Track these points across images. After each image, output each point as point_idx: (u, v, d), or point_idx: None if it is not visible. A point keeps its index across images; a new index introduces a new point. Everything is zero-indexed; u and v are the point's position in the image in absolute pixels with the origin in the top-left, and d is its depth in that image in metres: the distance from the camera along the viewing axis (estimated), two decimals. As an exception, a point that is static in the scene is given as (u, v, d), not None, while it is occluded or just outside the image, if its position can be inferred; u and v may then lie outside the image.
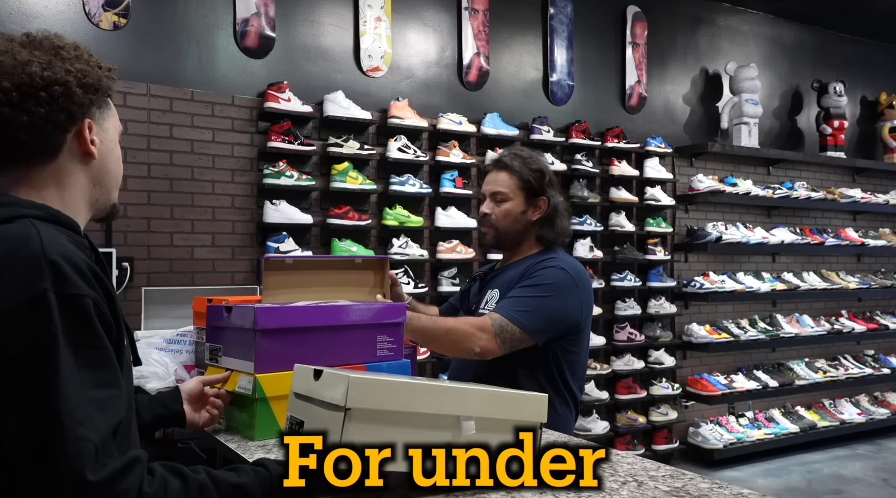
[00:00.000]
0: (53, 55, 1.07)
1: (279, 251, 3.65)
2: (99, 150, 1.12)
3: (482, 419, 1.14)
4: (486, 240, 2.10)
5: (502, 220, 2.02)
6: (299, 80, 3.94)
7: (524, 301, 1.86)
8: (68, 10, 3.42)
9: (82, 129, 1.09)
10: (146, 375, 1.88)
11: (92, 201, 1.14)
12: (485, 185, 2.09)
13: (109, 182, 1.16)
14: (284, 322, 1.41)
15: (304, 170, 3.86)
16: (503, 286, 1.99)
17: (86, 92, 1.08)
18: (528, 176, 2.00)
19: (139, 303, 3.45)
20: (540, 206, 2.03)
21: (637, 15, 5.24)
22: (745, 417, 5.45)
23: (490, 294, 2.02)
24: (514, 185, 2.01)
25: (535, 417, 1.20)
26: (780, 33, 6.16)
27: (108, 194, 1.17)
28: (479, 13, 4.53)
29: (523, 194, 2.01)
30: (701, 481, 1.15)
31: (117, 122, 1.19)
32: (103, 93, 1.13)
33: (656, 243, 5.08)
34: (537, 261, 1.98)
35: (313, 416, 1.12)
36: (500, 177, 2.03)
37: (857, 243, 6.08)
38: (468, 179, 4.37)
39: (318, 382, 1.13)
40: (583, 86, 5.01)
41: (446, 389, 1.14)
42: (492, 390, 1.21)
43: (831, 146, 6.20)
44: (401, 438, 1.05)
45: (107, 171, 1.15)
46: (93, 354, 0.94)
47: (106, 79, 1.13)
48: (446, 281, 4.18)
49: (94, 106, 1.11)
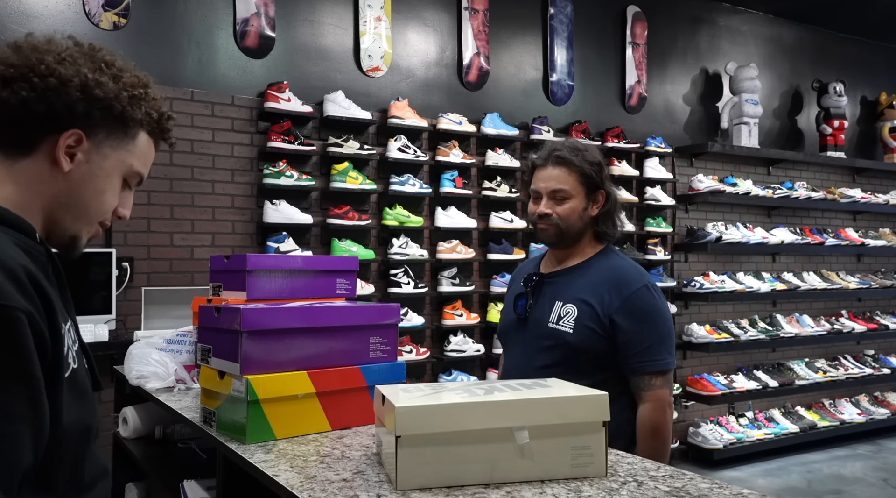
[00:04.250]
0: (87, 60, 1.00)
1: (279, 251, 3.65)
2: (78, 170, 1.00)
3: (538, 426, 1.12)
4: (545, 237, 1.95)
5: (565, 220, 1.89)
6: (299, 80, 3.94)
7: (657, 348, 1.82)
8: (68, 10, 3.42)
9: (64, 136, 0.98)
10: (146, 375, 1.88)
11: (49, 219, 1.01)
12: (540, 182, 1.93)
13: (77, 211, 1.02)
14: (271, 324, 1.40)
15: (304, 170, 3.86)
16: (577, 299, 1.86)
17: (87, 101, 0.98)
18: (588, 170, 1.88)
19: (139, 303, 3.45)
20: (599, 201, 1.93)
21: (637, 15, 5.24)
22: (745, 417, 5.45)
23: (564, 308, 1.87)
24: (575, 180, 1.89)
25: (596, 417, 1.16)
26: (780, 33, 6.16)
27: (70, 223, 1.02)
28: (479, 13, 4.53)
29: (584, 190, 1.90)
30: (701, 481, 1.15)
31: (132, 161, 1.06)
32: (122, 120, 1.02)
33: (656, 243, 5.08)
34: (620, 278, 1.86)
35: (383, 438, 1.18)
36: (558, 173, 1.89)
37: (857, 243, 6.08)
38: (468, 179, 4.37)
39: (383, 406, 1.17)
40: (583, 86, 5.01)
41: (495, 404, 1.12)
42: (545, 396, 1.15)
43: (831, 146, 6.20)
44: (454, 455, 1.08)
45: (78, 197, 1.01)
46: (11, 375, 0.81)
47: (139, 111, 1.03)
48: (446, 281, 4.18)
49: (99, 124, 1.00)
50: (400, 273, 4.05)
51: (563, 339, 1.83)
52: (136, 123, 1.05)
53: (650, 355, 1.81)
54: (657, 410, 1.80)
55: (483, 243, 4.45)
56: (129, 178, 1.08)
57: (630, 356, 1.81)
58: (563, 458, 1.13)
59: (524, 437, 1.10)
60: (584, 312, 1.83)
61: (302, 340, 1.45)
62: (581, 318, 1.83)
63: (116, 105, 1.01)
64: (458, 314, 4.23)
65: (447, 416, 1.09)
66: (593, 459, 1.15)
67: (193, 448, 2.02)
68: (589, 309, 1.83)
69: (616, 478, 1.16)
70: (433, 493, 1.07)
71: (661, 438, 1.80)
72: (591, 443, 1.15)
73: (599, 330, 1.82)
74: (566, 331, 1.83)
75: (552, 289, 1.94)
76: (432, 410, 1.10)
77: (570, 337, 1.82)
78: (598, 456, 1.15)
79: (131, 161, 1.06)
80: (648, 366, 1.81)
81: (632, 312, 1.82)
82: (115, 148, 1.03)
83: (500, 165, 4.41)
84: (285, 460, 1.24)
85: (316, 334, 1.47)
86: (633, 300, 1.83)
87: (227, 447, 1.35)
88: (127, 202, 1.10)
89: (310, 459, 1.26)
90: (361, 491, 1.07)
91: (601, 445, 1.15)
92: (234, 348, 1.38)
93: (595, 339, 1.81)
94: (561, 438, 1.13)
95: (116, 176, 1.05)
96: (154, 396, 1.82)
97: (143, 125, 1.06)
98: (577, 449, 1.14)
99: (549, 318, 1.88)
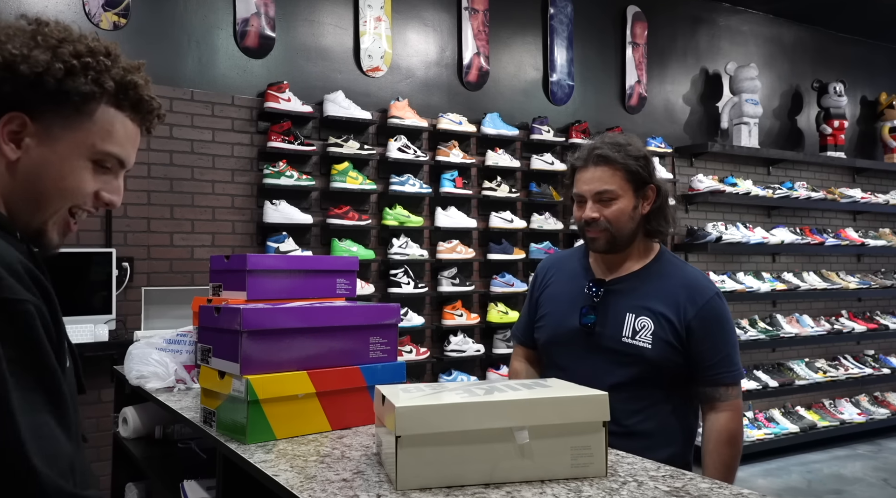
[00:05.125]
0: (26, 37, 0.91)
1: (279, 251, 3.65)
2: (28, 155, 0.91)
3: (538, 426, 1.12)
4: (598, 246, 1.80)
5: (616, 223, 1.75)
6: (299, 80, 3.94)
7: (733, 357, 1.76)
8: (68, 10, 3.42)
9: (2, 121, 0.90)
10: (146, 375, 1.88)
11: (9, 213, 0.92)
12: (582, 184, 1.79)
13: (35, 201, 0.93)
14: (271, 324, 1.40)
15: (304, 170, 3.86)
16: (650, 311, 1.75)
17: (21, 81, 0.89)
18: (633, 166, 1.74)
19: (139, 303, 3.45)
20: (650, 197, 1.79)
21: (637, 15, 5.24)
22: (746, 417, 5.45)
23: (639, 321, 1.75)
24: (621, 179, 1.75)
25: (597, 417, 1.16)
26: (780, 33, 6.16)
27: (30, 216, 0.93)
28: (479, 13, 4.53)
29: (631, 188, 1.76)
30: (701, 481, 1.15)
31: (93, 140, 0.95)
32: (65, 96, 0.92)
33: (656, 243, 5.07)
34: (693, 286, 1.77)
35: (383, 438, 1.18)
36: (602, 173, 1.75)
37: (857, 243, 6.08)
38: (468, 179, 4.37)
39: (383, 406, 1.17)
40: (583, 86, 5.01)
41: (496, 404, 1.12)
42: (545, 396, 1.16)
43: (831, 146, 6.20)
44: (454, 455, 1.08)
45: (32, 185, 0.92)
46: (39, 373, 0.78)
47: (84, 82, 0.92)
48: (446, 281, 4.18)
49: (39, 104, 0.90)
50: (400, 273, 4.05)
51: (640, 355, 1.72)
52: (87, 97, 0.93)
53: (727, 366, 1.74)
54: (734, 420, 1.74)
55: (483, 243, 4.45)
56: (98, 159, 0.96)
57: (707, 367, 1.73)
58: (563, 458, 1.14)
59: (524, 437, 1.10)
60: (662, 325, 1.73)
61: (302, 340, 1.45)
62: (658, 332, 1.73)
63: (48, 79, 0.90)
64: (458, 314, 4.23)
65: (447, 416, 1.09)
66: (593, 458, 1.15)
67: (193, 448, 2.02)
68: (666, 322, 1.73)
69: (616, 478, 1.16)
70: (433, 493, 1.07)
71: (737, 447, 1.76)
72: (591, 443, 1.15)
73: (677, 343, 1.73)
74: (644, 346, 1.73)
75: (616, 298, 1.81)
76: (432, 410, 1.09)
77: (648, 353, 1.72)
78: (599, 456, 1.15)
79: (92, 140, 0.95)
80: (727, 377, 1.74)
81: (707, 322, 1.74)
82: (66, 127, 0.93)
83: (500, 165, 4.41)
84: (285, 460, 1.24)
85: (316, 334, 1.47)
86: (707, 309, 1.75)
87: (227, 447, 1.35)
88: (111, 187, 0.99)
89: (310, 459, 1.26)
90: (361, 491, 1.07)
91: (601, 445, 1.15)
92: (234, 348, 1.38)
93: (673, 353, 1.73)
94: (561, 438, 1.13)
95: (77, 158, 0.94)
96: (154, 396, 1.81)
97: (99, 98, 0.95)
98: (577, 449, 1.14)
99: (623, 332, 1.76)
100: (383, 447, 1.19)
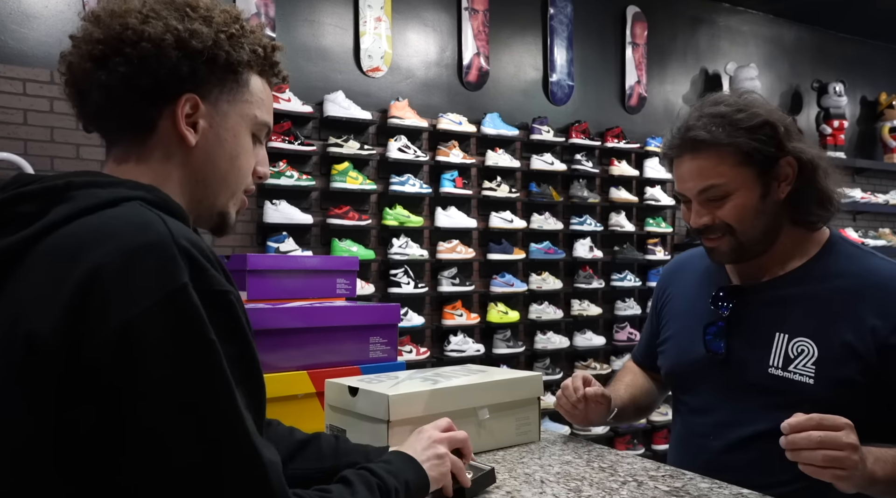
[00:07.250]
0: (173, 9, 0.85)
1: (279, 251, 3.65)
2: (204, 138, 0.88)
3: (493, 405, 1.34)
4: (720, 256, 1.35)
5: (739, 224, 1.29)
6: (299, 80, 3.94)
7: None
8: (68, 10, 3.42)
9: (179, 104, 0.85)
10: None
11: (191, 201, 0.89)
12: (681, 183, 1.33)
13: (215, 182, 0.90)
14: (271, 324, 1.41)
15: (304, 170, 3.86)
16: (813, 329, 1.26)
17: (187, 57, 0.84)
18: (749, 144, 1.26)
19: (139, 303, 3.44)
20: (787, 174, 1.29)
21: (637, 15, 5.24)
22: None
23: (794, 346, 1.26)
24: (731, 165, 1.27)
25: (534, 393, 1.42)
26: (780, 33, 6.16)
27: (214, 199, 0.91)
28: (479, 13, 4.53)
29: (752, 172, 1.27)
30: (701, 481, 1.15)
31: (254, 111, 0.92)
32: (230, 68, 0.88)
33: (656, 243, 5.08)
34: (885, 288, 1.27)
35: (354, 426, 1.27)
36: (702, 163, 1.29)
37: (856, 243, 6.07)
38: (468, 179, 4.37)
39: (355, 398, 1.25)
40: (583, 86, 5.02)
41: (465, 389, 1.31)
42: (496, 380, 1.37)
43: (831, 146, 6.20)
44: None
45: (212, 167, 0.89)
46: (247, 365, 0.77)
47: (244, 51, 0.88)
48: (446, 281, 4.18)
49: (208, 80, 0.87)
50: (400, 273, 4.05)
51: (798, 393, 1.23)
52: (245, 66, 0.90)
53: None
54: None
55: (483, 243, 4.45)
56: (257, 131, 0.94)
57: None
58: (510, 428, 1.38)
59: (485, 414, 1.32)
60: (832, 349, 1.23)
61: (302, 340, 1.45)
62: (826, 358, 1.23)
63: (220, 53, 0.86)
64: (458, 314, 4.23)
65: (428, 400, 1.25)
66: (531, 427, 1.41)
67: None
68: (840, 345, 1.23)
69: (616, 478, 1.16)
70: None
71: None
72: (529, 415, 1.41)
73: (859, 376, 1.21)
74: (804, 381, 1.24)
75: (760, 311, 1.32)
76: (417, 396, 1.23)
77: (810, 390, 1.23)
78: (534, 424, 1.42)
79: (254, 111, 0.92)
80: None
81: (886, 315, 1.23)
82: (232, 102, 0.90)
83: (500, 165, 4.41)
84: (285, 460, 1.25)
85: (316, 334, 1.48)
86: None
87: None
88: (262, 159, 0.97)
89: (310, 458, 1.26)
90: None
91: (536, 415, 1.42)
92: None
93: (851, 392, 1.21)
94: (509, 411, 1.37)
95: (244, 133, 0.92)
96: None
97: (253, 66, 0.92)
98: (520, 420, 1.39)
99: (771, 360, 1.27)
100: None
